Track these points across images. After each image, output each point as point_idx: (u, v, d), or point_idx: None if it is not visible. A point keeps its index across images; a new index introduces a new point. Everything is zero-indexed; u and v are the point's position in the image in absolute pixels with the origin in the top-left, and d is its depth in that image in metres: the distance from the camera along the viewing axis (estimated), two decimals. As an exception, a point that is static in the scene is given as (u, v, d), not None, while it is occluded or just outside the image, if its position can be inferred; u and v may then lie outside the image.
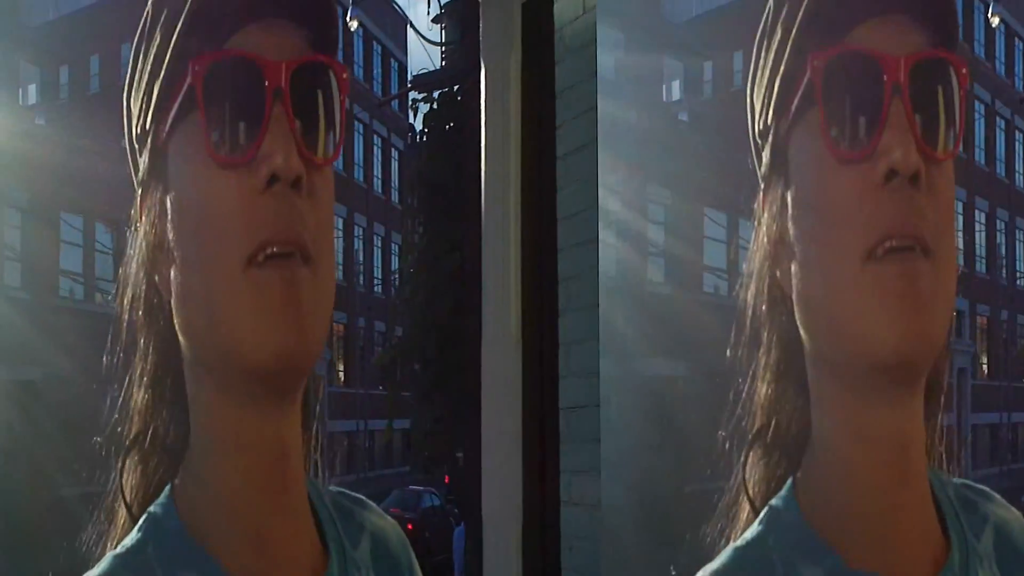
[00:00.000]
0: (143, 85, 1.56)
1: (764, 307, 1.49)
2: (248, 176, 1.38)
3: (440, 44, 8.07)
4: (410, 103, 8.53)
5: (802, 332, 1.42)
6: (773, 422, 1.47)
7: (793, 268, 1.41)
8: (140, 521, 1.49)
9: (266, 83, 1.38)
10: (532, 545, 4.98)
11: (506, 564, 4.92)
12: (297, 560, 1.48)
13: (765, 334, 1.49)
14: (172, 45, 1.49)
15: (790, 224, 1.39)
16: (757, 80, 1.48)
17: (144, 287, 1.61)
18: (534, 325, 5.03)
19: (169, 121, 1.47)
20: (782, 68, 1.45)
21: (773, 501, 1.47)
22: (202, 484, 1.46)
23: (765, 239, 1.45)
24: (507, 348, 4.99)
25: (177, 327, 1.55)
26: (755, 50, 1.51)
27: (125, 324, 1.65)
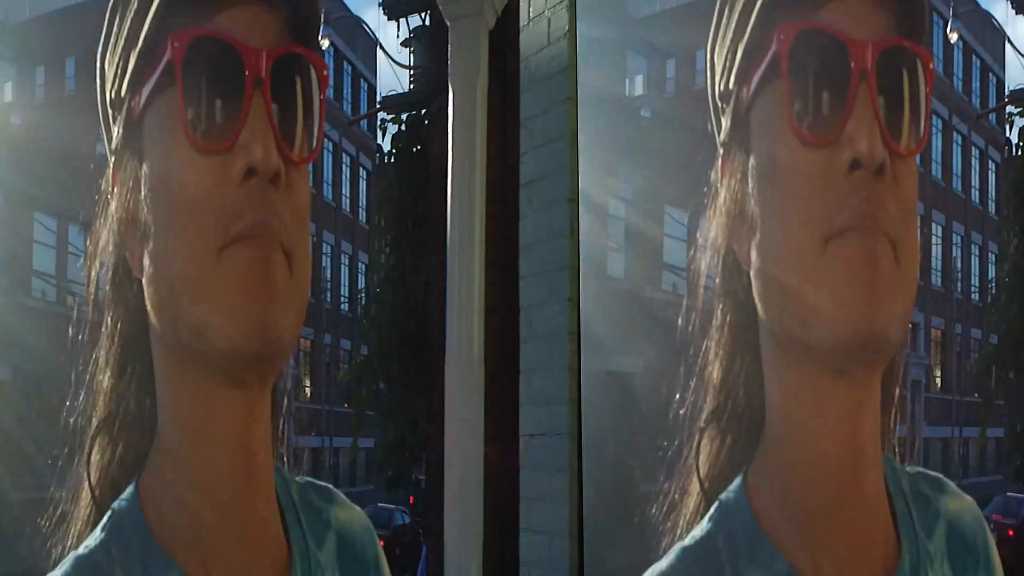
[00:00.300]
0: (119, 50, 1.48)
1: (719, 280, 1.47)
2: (225, 165, 1.34)
3: (409, 67, 8.06)
4: (379, 123, 8.55)
5: (759, 307, 1.39)
6: (728, 403, 1.44)
7: (753, 243, 1.38)
8: (104, 519, 1.44)
9: (247, 71, 1.33)
10: (492, 572, 4.98)
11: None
12: (261, 563, 1.46)
13: (720, 308, 1.46)
14: (151, 15, 1.43)
15: (751, 198, 1.36)
16: (719, 40, 1.44)
17: (113, 261, 1.52)
18: (496, 351, 5.04)
19: (144, 94, 1.41)
20: (747, 34, 1.41)
21: (723, 495, 1.44)
22: (168, 483, 1.43)
23: (723, 209, 1.42)
24: (470, 373, 4.99)
25: (148, 306, 1.46)
26: (717, 8, 1.46)
27: (92, 299, 1.56)
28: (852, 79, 1.27)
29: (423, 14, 7.62)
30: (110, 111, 1.47)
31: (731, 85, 1.41)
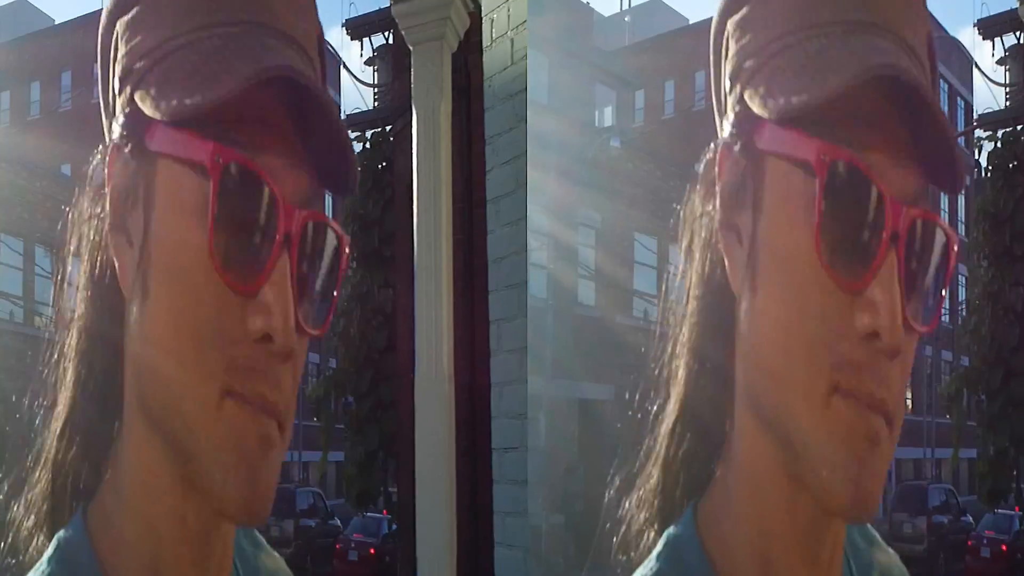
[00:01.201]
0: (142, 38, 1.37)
1: (695, 290, 1.40)
2: (241, 308, 1.22)
3: (373, 85, 8.02)
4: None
5: (740, 375, 1.33)
6: (687, 430, 1.38)
7: (746, 300, 1.31)
8: (50, 548, 1.32)
9: (279, 225, 1.22)
10: (465, 584, 4.96)
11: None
12: None
13: (690, 323, 1.39)
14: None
15: (755, 282, 1.28)
16: (729, 57, 1.37)
17: (96, 259, 1.35)
18: (465, 365, 5.01)
19: (163, 138, 1.27)
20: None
21: (671, 531, 1.34)
22: (114, 523, 1.35)
23: (716, 240, 1.34)
24: (440, 388, 4.97)
25: (127, 367, 1.32)
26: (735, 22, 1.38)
27: (61, 285, 1.40)
28: (883, 240, 1.19)
29: (386, 33, 7.60)
30: (119, 90, 1.34)
31: (738, 115, 1.33)
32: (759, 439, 1.28)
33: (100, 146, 1.31)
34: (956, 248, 1.26)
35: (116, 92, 1.29)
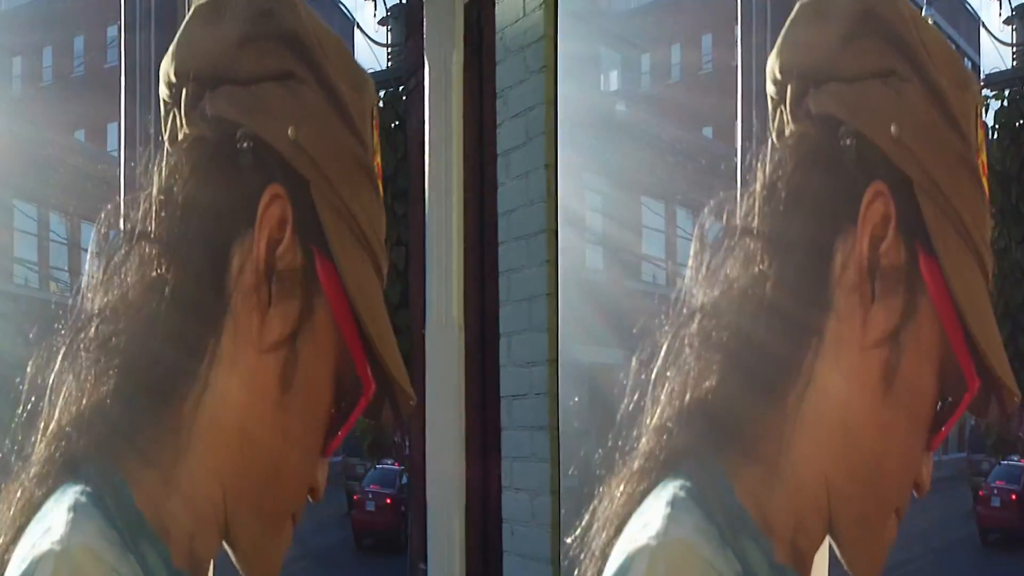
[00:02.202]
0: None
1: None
2: (315, 462, 1.52)
3: (386, 45, 8.06)
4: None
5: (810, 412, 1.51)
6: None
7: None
8: (81, 472, 1.38)
9: (355, 415, 1.50)
10: (475, 529, 5.03)
11: (449, 547, 4.97)
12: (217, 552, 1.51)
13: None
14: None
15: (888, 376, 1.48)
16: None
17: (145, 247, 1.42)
18: (475, 316, 5.08)
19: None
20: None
21: (694, 462, 1.43)
22: (146, 472, 1.39)
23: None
24: (450, 338, 5.03)
25: None
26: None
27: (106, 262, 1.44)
28: (948, 424, 1.48)
29: (399, -8, 7.64)
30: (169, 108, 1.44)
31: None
32: (812, 449, 1.42)
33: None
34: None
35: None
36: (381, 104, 8.27)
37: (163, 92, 1.48)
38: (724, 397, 1.44)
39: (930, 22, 1.41)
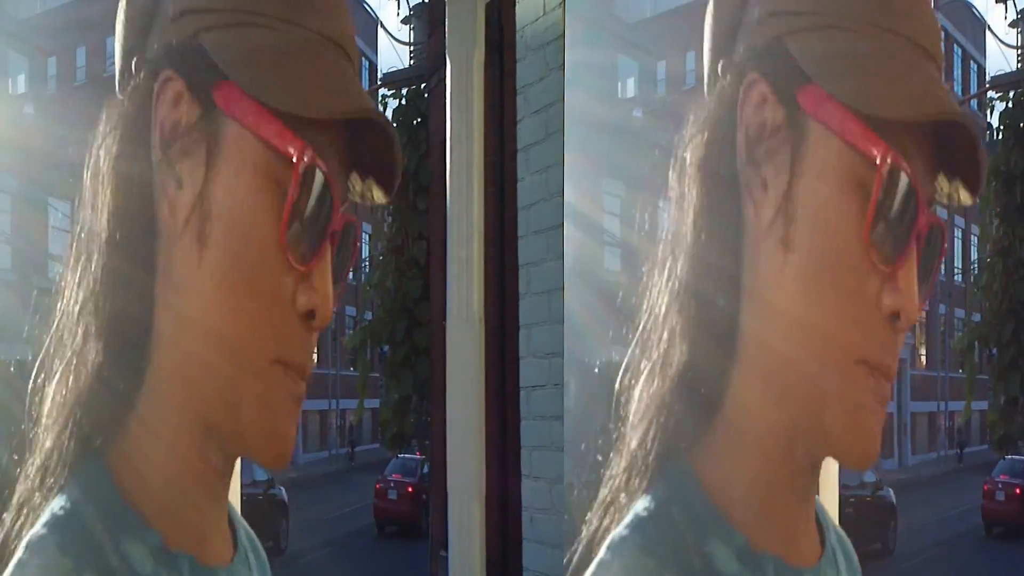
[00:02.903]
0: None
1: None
2: (292, 285, 1.32)
3: (409, 44, 8.08)
4: (380, 100, 8.53)
5: (749, 320, 1.39)
6: (686, 381, 1.43)
7: (771, 277, 1.37)
8: (65, 479, 1.32)
9: (331, 221, 1.35)
10: (495, 516, 5.03)
11: (470, 534, 4.97)
12: (221, 535, 1.45)
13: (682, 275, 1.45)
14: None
15: (787, 238, 1.35)
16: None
17: (129, 187, 1.32)
18: (495, 308, 5.08)
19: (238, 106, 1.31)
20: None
21: (665, 467, 1.37)
22: (138, 459, 1.32)
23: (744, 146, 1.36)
24: (471, 330, 5.03)
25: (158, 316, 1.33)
26: None
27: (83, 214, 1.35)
28: (911, 237, 1.31)
29: (422, -9, 7.67)
30: (173, 14, 1.33)
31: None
32: (761, 387, 1.34)
33: (134, 60, 1.34)
34: (946, 244, 1.37)
35: (169, 14, 1.32)
36: (403, 101, 8.26)
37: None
38: (684, 376, 1.37)
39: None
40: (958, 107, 1.30)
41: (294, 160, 1.26)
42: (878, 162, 1.28)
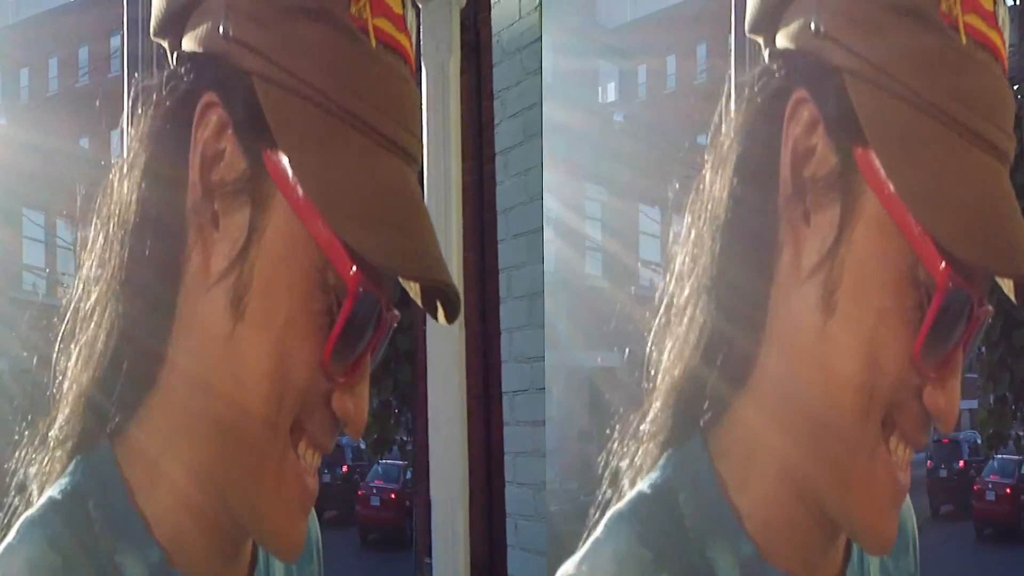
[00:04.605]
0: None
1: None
2: (330, 390, 1.26)
3: (384, 47, 8.04)
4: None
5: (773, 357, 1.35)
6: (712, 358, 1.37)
7: (808, 332, 1.29)
8: (71, 465, 1.28)
9: (377, 332, 1.29)
10: (479, 523, 5.00)
11: (454, 542, 4.93)
12: (234, 546, 1.39)
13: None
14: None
15: (832, 296, 1.30)
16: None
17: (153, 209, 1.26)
18: (476, 313, 5.05)
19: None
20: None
21: (679, 447, 1.33)
22: (144, 455, 1.29)
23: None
24: (451, 335, 5.00)
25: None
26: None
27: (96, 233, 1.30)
28: (963, 343, 1.27)
29: (396, -3, 7.64)
30: (224, 30, 1.24)
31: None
32: (783, 443, 1.29)
33: (176, 53, 1.27)
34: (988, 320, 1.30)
35: (220, 26, 1.24)
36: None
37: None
38: (699, 375, 1.34)
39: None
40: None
41: (350, 289, 1.21)
42: (939, 282, 1.24)
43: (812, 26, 1.27)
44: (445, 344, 5.00)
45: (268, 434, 1.26)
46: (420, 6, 5.15)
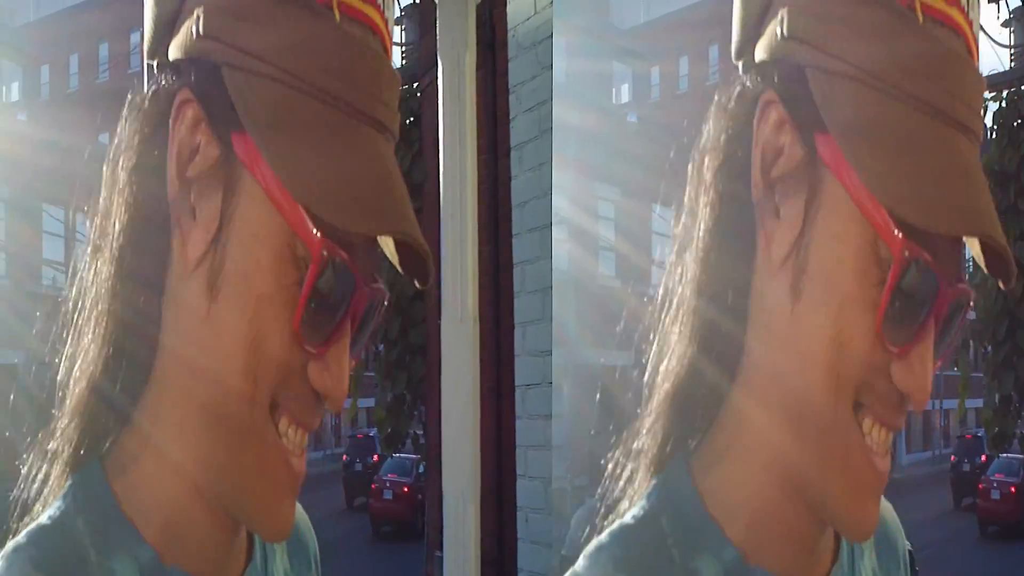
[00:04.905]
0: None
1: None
2: (305, 365, 1.24)
3: (401, 44, 8.05)
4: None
5: (753, 355, 1.34)
6: (687, 384, 1.37)
7: (776, 324, 1.31)
8: (65, 487, 1.29)
9: (352, 303, 1.26)
10: (489, 516, 4.98)
11: (464, 535, 4.91)
12: (227, 549, 1.37)
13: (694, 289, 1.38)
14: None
15: (797, 283, 1.29)
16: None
17: (142, 202, 1.28)
18: (490, 307, 5.03)
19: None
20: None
21: (662, 475, 1.33)
22: (138, 472, 1.28)
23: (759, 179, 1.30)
24: (465, 329, 4.98)
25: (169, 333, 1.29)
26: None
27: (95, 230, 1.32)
28: (930, 319, 1.24)
29: (413, -7, 7.65)
30: (197, 31, 1.26)
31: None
32: (765, 433, 1.28)
33: (155, 63, 1.30)
34: (972, 302, 1.30)
35: (197, 30, 1.26)
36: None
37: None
38: (689, 385, 1.33)
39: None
40: (986, 218, 1.22)
41: (314, 256, 1.20)
42: (895, 253, 1.22)
43: (778, 32, 1.30)
44: (459, 338, 4.98)
45: (246, 409, 1.24)
46: (436, 1, 5.13)
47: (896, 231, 1.22)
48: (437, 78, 5.16)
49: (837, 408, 1.24)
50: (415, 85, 6.97)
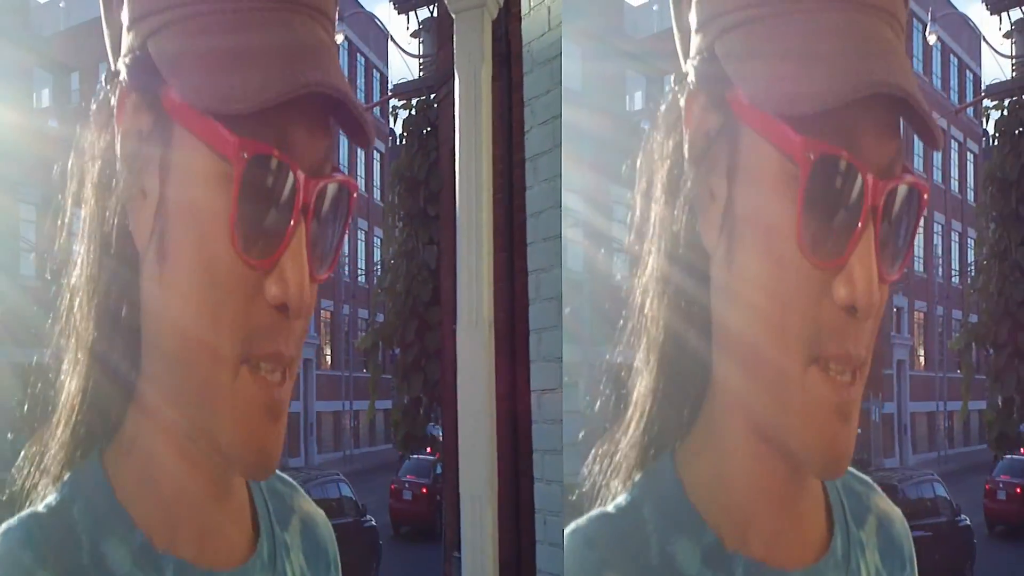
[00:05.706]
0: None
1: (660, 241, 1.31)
2: (258, 280, 1.18)
3: (418, 56, 8.03)
4: (391, 109, 8.47)
5: (716, 335, 1.29)
6: (668, 377, 1.33)
7: (721, 256, 1.26)
8: (64, 478, 1.27)
9: (297, 200, 1.19)
10: (507, 518, 4.95)
11: (482, 537, 4.88)
12: (227, 539, 1.33)
13: (658, 284, 1.34)
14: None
15: (731, 248, 1.24)
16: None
17: (110, 199, 1.26)
18: (505, 312, 5.00)
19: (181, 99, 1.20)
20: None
21: (649, 465, 1.30)
22: (135, 458, 1.26)
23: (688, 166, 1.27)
24: (480, 333, 4.95)
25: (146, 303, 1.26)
26: None
27: (65, 230, 1.32)
28: (862, 217, 1.16)
29: (431, 6, 7.61)
30: (127, 25, 1.23)
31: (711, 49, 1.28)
32: (734, 394, 1.24)
33: (104, 75, 1.27)
34: (927, 196, 1.22)
35: (125, 24, 1.23)
36: (413, 111, 8.21)
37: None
38: (669, 375, 1.30)
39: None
40: (883, 75, 1.15)
41: (233, 160, 1.14)
42: (798, 158, 1.15)
43: (692, 26, 1.27)
44: (474, 344, 4.95)
45: (215, 346, 1.19)
46: (454, 15, 5.10)
47: (798, 137, 1.15)
48: (454, 90, 5.13)
49: (788, 340, 1.19)
50: (432, 96, 6.95)
